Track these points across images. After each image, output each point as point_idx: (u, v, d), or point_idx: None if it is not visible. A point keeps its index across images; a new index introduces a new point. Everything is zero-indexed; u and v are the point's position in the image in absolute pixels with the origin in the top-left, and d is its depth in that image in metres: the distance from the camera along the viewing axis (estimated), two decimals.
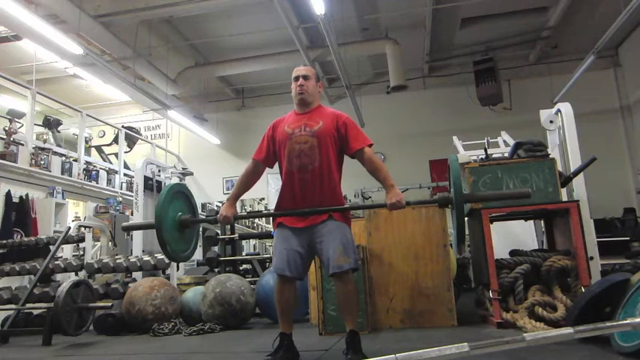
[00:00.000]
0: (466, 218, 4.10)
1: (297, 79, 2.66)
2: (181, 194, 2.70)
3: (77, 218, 7.39)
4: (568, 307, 3.00)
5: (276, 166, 2.72)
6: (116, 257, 4.93)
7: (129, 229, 2.46)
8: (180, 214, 2.61)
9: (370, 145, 2.54)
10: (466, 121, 8.41)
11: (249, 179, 2.74)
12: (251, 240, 10.19)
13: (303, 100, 2.63)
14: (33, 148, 6.44)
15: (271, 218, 2.70)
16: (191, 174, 8.78)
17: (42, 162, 6.45)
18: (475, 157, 5.27)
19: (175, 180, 8.83)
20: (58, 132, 8.01)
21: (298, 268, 2.50)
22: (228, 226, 6.67)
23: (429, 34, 7.59)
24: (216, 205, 9.60)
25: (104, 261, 4.83)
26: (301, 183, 2.51)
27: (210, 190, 9.87)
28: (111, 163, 8.62)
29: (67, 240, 4.83)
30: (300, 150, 2.51)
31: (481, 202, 3.18)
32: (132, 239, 5.65)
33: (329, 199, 2.51)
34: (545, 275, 3.35)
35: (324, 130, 2.54)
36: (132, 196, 5.96)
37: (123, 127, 8.86)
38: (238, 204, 10.88)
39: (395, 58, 7.45)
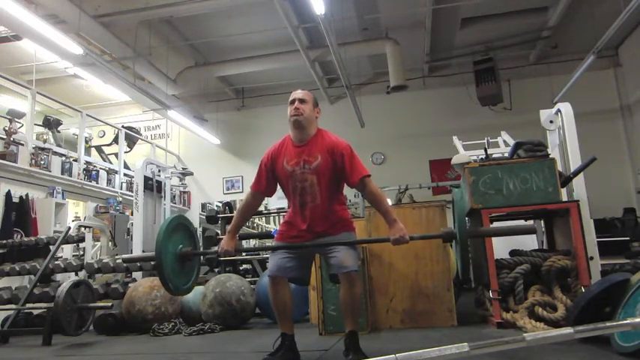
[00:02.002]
0: (466, 218, 4.11)
1: (293, 102, 2.57)
2: (181, 226, 2.64)
3: (77, 218, 7.39)
4: (568, 307, 3.00)
5: None
6: (116, 257, 4.93)
7: (129, 262, 2.44)
8: (180, 246, 2.56)
9: (368, 176, 2.50)
10: (466, 121, 8.41)
11: (250, 210, 2.75)
12: (251, 240, 10.18)
13: (298, 122, 2.52)
14: (33, 148, 6.44)
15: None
16: (191, 174, 8.79)
17: (42, 162, 6.45)
18: (475, 157, 5.27)
19: (175, 180, 8.86)
20: (58, 132, 8.01)
21: (294, 270, 2.51)
22: (229, 226, 6.67)
23: (429, 34, 7.59)
24: (216, 205, 9.61)
25: (104, 261, 4.83)
26: (307, 213, 2.53)
27: (210, 190, 9.87)
28: (111, 163, 8.62)
29: (67, 240, 4.83)
30: (302, 188, 2.52)
31: (484, 237, 3.18)
32: (132, 239, 5.66)
33: (335, 223, 2.54)
34: (545, 275, 3.35)
35: (322, 165, 2.50)
36: (132, 196, 5.96)
37: (123, 127, 8.86)
38: (238, 204, 10.84)
39: (395, 58, 7.45)
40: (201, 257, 2.87)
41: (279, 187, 2.67)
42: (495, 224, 3.84)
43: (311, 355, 2.64)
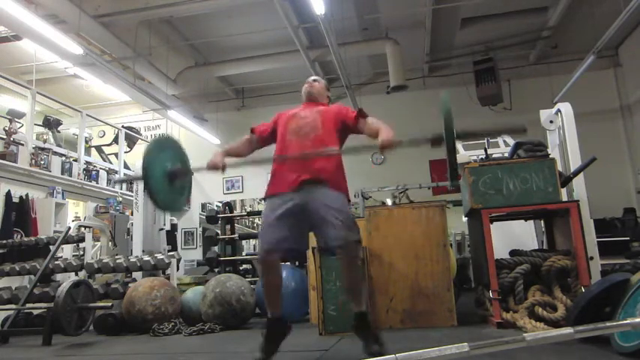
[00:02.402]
0: (466, 218, 4.12)
1: (307, 82, 2.83)
2: (171, 146, 2.65)
3: (77, 218, 7.39)
4: (568, 307, 3.00)
5: None
6: (116, 257, 4.93)
7: (122, 182, 2.49)
8: (168, 165, 2.54)
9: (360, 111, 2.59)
10: (466, 121, 8.36)
11: (242, 145, 2.75)
12: (251, 240, 10.18)
13: (310, 93, 2.77)
14: (33, 148, 6.44)
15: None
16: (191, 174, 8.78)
17: (42, 162, 6.45)
18: (475, 157, 5.27)
19: None
20: (58, 132, 8.01)
21: (288, 240, 2.38)
22: (229, 226, 6.68)
23: (429, 34, 7.59)
24: (216, 205, 9.60)
25: (104, 261, 4.83)
26: (298, 146, 2.48)
27: (210, 190, 9.84)
28: (111, 163, 8.62)
29: (67, 240, 4.83)
30: (304, 122, 2.57)
31: (472, 137, 3.10)
32: (132, 239, 5.66)
33: (331, 172, 2.48)
34: (545, 275, 3.35)
35: (327, 110, 2.67)
36: (132, 196, 5.96)
37: (123, 127, 8.86)
38: (238, 204, 10.75)
39: (395, 58, 7.45)
40: (192, 181, 2.84)
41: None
42: (495, 224, 3.83)
43: (311, 355, 2.64)
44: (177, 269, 5.60)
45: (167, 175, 2.50)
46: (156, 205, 2.57)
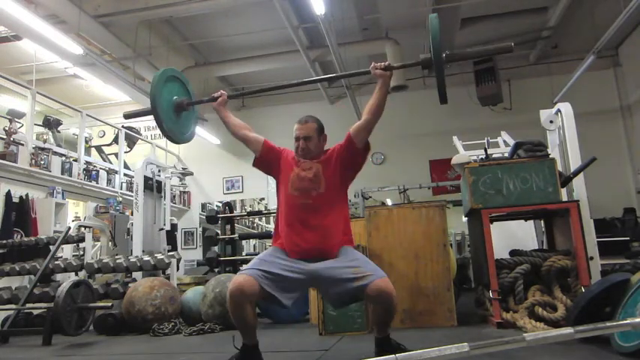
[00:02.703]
0: (466, 218, 4.12)
1: (297, 139, 2.48)
2: (176, 79, 2.68)
3: (77, 218, 7.39)
4: (568, 307, 3.00)
5: None
6: (116, 257, 4.93)
7: (129, 117, 2.53)
8: (175, 97, 2.61)
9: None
10: (466, 121, 8.41)
11: (242, 124, 2.73)
12: (251, 240, 10.20)
13: (305, 152, 2.49)
14: (33, 148, 6.44)
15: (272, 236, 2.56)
16: (191, 174, 8.79)
17: (42, 162, 6.45)
18: (475, 157, 5.27)
19: (175, 180, 8.85)
20: (58, 132, 8.01)
21: (263, 279, 2.21)
22: (229, 226, 6.68)
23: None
24: (216, 205, 9.61)
25: (104, 261, 4.83)
26: (304, 209, 2.37)
27: (210, 190, 9.88)
28: (111, 163, 8.62)
29: (67, 240, 4.84)
30: (305, 176, 2.42)
31: (460, 60, 3.07)
32: (132, 239, 5.66)
33: (336, 233, 2.37)
34: (545, 275, 3.35)
35: (327, 157, 2.47)
36: (132, 196, 5.96)
37: (123, 127, 8.86)
38: (238, 204, 10.73)
39: (395, 58, 7.44)
40: (197, 117, 2.88)
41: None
42: (495, 224, 3.84)
43: (311, 355, 2.64)
44: (177, 269, 5.60)
45: (174, 106, 2.58)
46: (164, 134, 2.58)
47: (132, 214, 6.04)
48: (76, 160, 7.26)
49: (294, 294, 2.32)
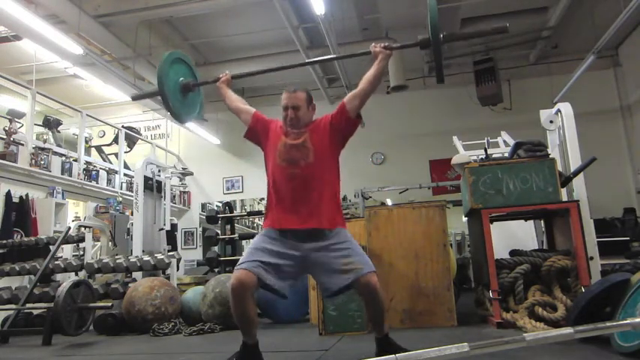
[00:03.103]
0: (466, 218, 4.12)
1: (286, 108, 2.43)
2: (182, 61, 2.77)
3: (77, 218, 7.39)
4: (568, 307, 3.01)
5: None
6: (116, 257, 4.94)
7: (137, 98, 2.66)
8: (182, 79, 2.70)
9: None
10: (466, 121, 8.41)
11: (238, 99, 2.75)
12: (251, 240, 10.18)
13: (294, 122, 2.44)
14: (33, 148, 6.44)
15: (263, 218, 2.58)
16: (191, 174, 8.78)
17: (42, 162, 6.45)
18: (475, 157, 5.27)
19: (175, 180, 8.85)
20: (58, 132, 8.01)
21: (262, 270, 2.23)
22: (229, 226, 6.69)
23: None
24: (216, 205, 9.61)
25: (104, 261, 4.83)
26: (291, 179, 2.34)
27: (210, 190, 9.88)
28: (111, 163, 8.62)
29: (67, 240, 4.84)
30: (292, 145, 2.38)
31: (457, 40, 3.15)
32: (132, 239, 5.66)
33: (325, 203, 2.34)
34: (545, 275, 3.35)
35: (317, 126, 2.45)
36: (132, 196, 5.96)
37: (123, 127, 8.86)
38: (238, 204, 10.72)
39: (395, 58, 7.44)
40: (202, 98, 2.99)
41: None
42: (495, 224, 3.84)
43: (311, 355, 2.64)
44: (177, 269, 5.61)
45: (180, 87, 2.67)
46: (171, 113, 2.67)
47: (132, 214, 6.04)
48: (76, 160, 7.26)
49: (289, 281, 2.34)
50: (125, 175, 8.43)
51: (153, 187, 5.85)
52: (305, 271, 2.44)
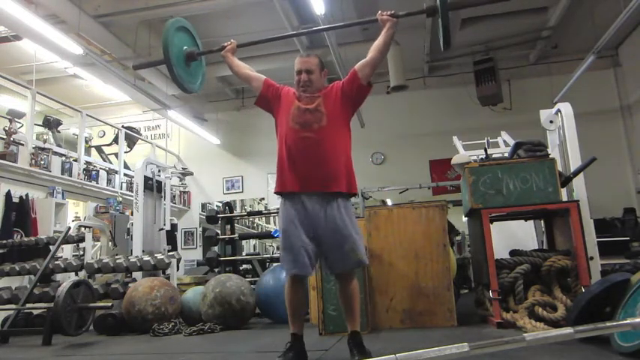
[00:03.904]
0: (466, 218, 4.12)
1: (299, 72, 2.56)
2: (186, 30, 2.83)
3: (77, 218, 7.39)
4: (568, 307, 3.01)
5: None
6: (116, 257, 4.93)
7: (139, 67, 2.74)
8: (186, 47, 2.77)
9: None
10: (466, 121, 8.41)
11: (247, 67, 2.83)
12: (251, 240, 10.19)
13: (307, 86, 2.56)
14: (33, 148, 6.44)
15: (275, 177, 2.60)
16: (191, 174, 8.79)
17: (42, 162, 6.44)
18: (475, 157, 5.27)
19: (175, 180, 8.85)
20: (58, 132, 8.01)
21: (308, 265, 2.40)
22: (229, 226, 6.68)
23: (429, 34, 7.58)
24: (216, 205, 9.61)
25: (104, 261, 4.83)
26: (305, 143, 2.40)
27: (210, 190, 9.87)
28: (111, 163, 8.62)
29: (67, 240, 4.84)
30: (306, 109, 2.46)
31: (463, 8, 3.16)
32: (132, 239, 5.65)
33: (339, 166, 2.41)
34: (545, 275, 3.35)
35: (329, 91, 2.54)
36: (132, 196, 5.95)
37: (123, 127, 8.86)
38: (238, 204, 10.72)
39: (395, 58, 7.44)
40: (204, 66, 3.12)
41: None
42: (495, 224, 3.84)
43: (311, 355, 2.63)
44: (177, 269, 5.60)
45: (184, 55, 2.74)
46: (173, 78, 2.71)
47: (132, 214, 6.04)
48: (76, 160, 7.26)
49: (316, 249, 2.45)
50: (125, 175, 8.43)
51: (153, 187, 5.85)
52: (317, 238, 2.45)
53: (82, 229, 5.76)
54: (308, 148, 2.40)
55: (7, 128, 6.11)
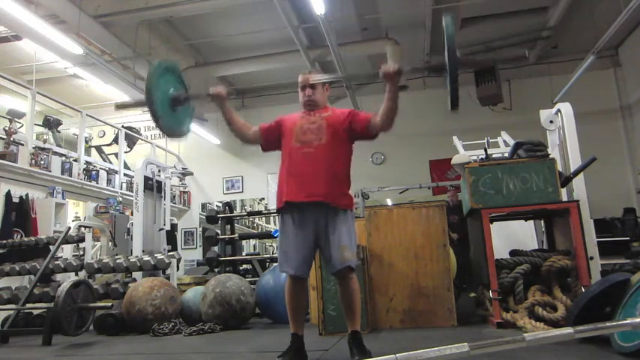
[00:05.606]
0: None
1: (303, 88, 2.63)
2: (172, 71, 2.65)
3: (77, 218, 7.39)
4: (568, 307, 3.00)
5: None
6: (116, 257, 4.93)
7: (122, 107, 2.55)
8: (172, 90, 2.57)
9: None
10: (466, 121, 8.39)
11: (245, 125, 2.76)
12: (251, 240, 10.20)
13: (311, 108, 2.63)
14: (33, 148, 6.44)
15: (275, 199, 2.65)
16: (191, 174, 8.79)
17: (42, 162, 6.44)
18: (475, 157, 5.27)
19: (175, 180, 8.85)
20: (58, 132, 8.01)
21: (306, 267, 2.50)
22: (229, 226, 6.68)
23: (429, 34, 7.59)
24: (216, 205, 9.61)
25: (104, 261, 4.83)
26: (304, 157, 2.48)
27: (210, 190, 9.88)
28: (111, 163, 8.62)
29: (67, 240, 4.83)
30: (308, 128, 2.53)
31: (472, 67, 3.03)
32: (132, 239, 5.66)
33: (334, 181, 2.48)
34: (545, 275, 3.35)
35: (333, 116, 2.58)
36: (132, 196, 5.96)
37: (123, 127, 8.86)
38: (238, 204, 10.70)
39: (395, 58, 7.44)
40: (193, 112, 2.86)
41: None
42: (495, 224, 3.84)
43: (311, 355, 2.63)
44: (177, 269, 5.61)
45: (170, 100, 2.54)
46: (161, 129, 2.56)
47: (132, 214, 6.04)
48: (76, 160, 7.26)
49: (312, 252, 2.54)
50: (125, 175, 8.43)
51: (153, 187, 5.85)
52: (317, 242, 2.51)
53: (82, 229, 5.76)
54: (305, 160, 2.49)
55: (7, 128, 6.11)
